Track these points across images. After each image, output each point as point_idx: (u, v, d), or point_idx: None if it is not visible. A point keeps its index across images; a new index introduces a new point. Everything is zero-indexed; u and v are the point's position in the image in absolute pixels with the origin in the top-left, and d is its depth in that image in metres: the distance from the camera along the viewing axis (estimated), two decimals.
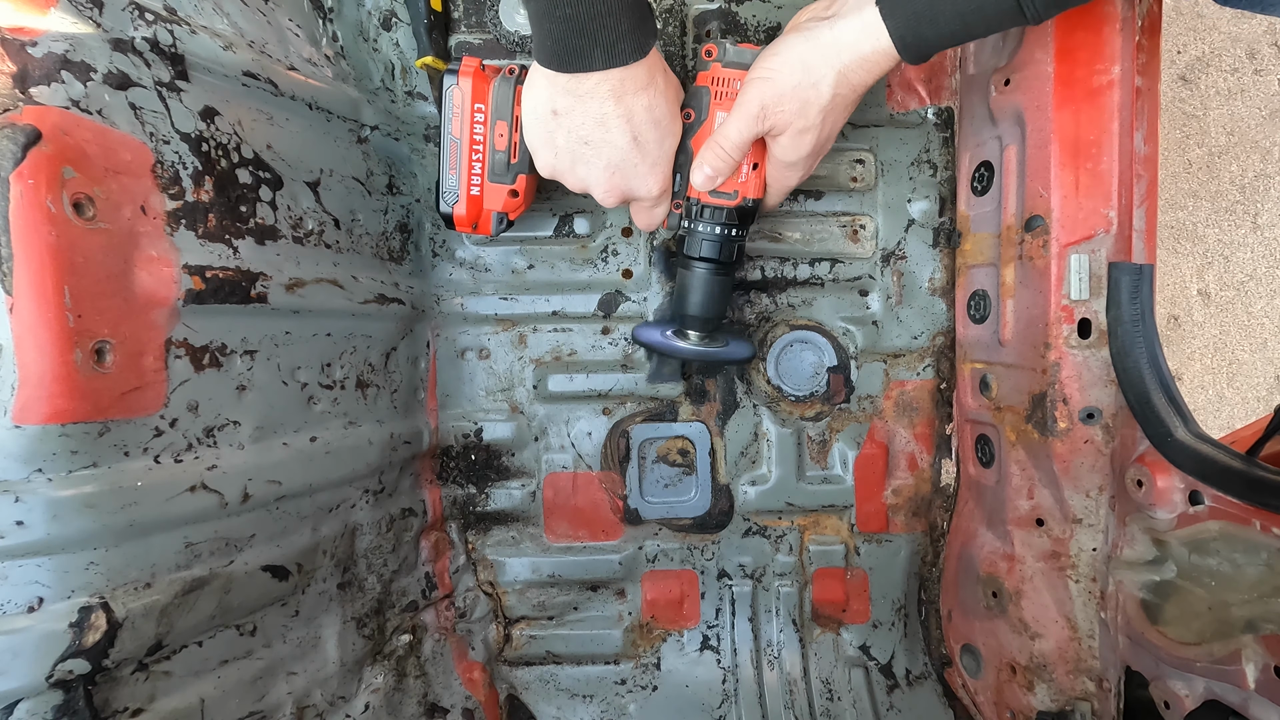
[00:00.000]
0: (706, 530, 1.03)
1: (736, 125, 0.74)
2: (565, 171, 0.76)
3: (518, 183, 0.81)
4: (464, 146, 0.79)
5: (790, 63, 0.70)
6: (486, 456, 1.01)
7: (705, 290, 0.85)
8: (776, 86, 0.71)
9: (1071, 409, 0.80)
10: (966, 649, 0.97)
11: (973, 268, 0.94)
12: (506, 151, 0.79)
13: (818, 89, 0.70)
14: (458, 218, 0.82)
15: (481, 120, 0.78)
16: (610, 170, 0.74)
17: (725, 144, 0.75)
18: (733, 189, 0.80)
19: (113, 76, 0.59)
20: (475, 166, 0.80)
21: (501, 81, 0.78)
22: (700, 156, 0.77)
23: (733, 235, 0.82)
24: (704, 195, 0.80)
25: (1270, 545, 0.67)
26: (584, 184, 0.77)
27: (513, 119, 0.78)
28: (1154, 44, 0.77)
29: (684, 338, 0.89)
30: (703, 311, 0.86)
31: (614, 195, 0.77)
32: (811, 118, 0.72)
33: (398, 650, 0.91)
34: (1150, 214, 0.79)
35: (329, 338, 0.80)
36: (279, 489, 0.71)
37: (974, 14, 0.65)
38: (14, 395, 0.52)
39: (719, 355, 0.90)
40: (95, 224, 0.56)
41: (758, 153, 0.79)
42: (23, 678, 0.53)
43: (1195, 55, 1.61)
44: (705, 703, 1.03)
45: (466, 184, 0.80)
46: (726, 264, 0.84)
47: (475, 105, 0.78)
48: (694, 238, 0.83)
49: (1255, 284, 1.64)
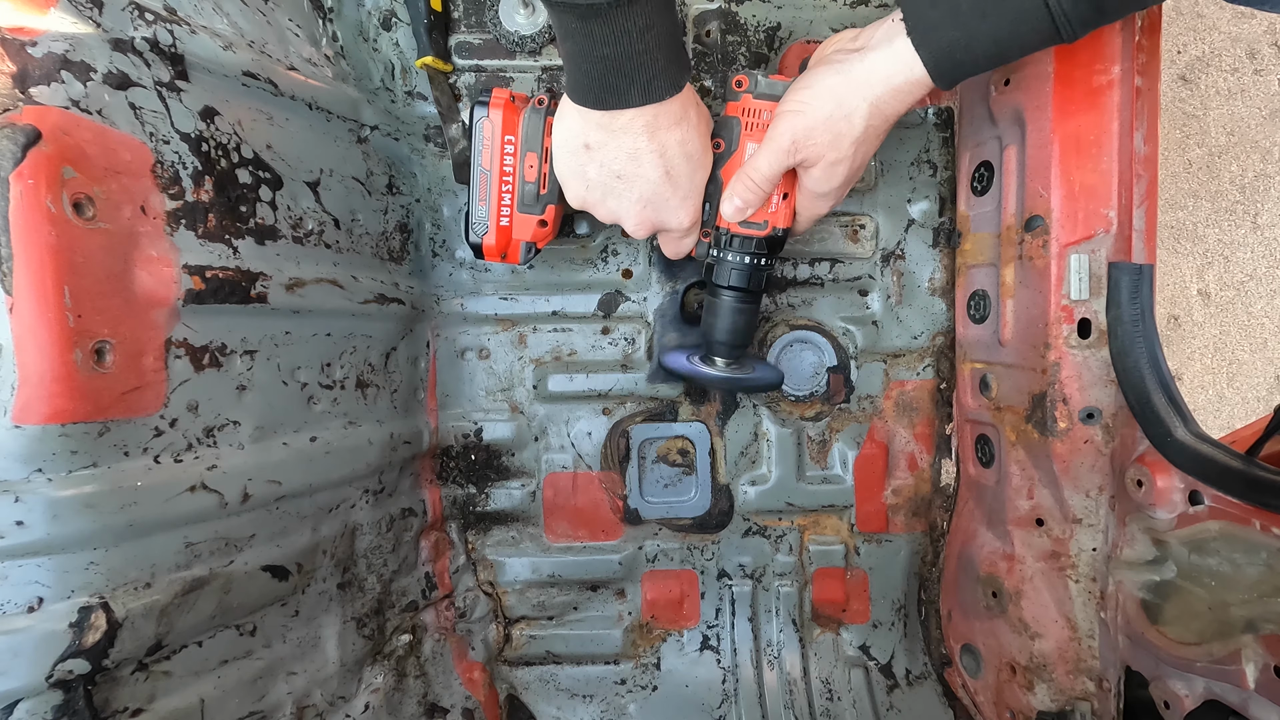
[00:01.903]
0: (706, 530, 1.03)
1: (767, 158, 0.74)
2: (596, 204, 0.76)
3: (546, 213, 0.81)
4: (494, 178, 0.80)
5: (822, 95, 0.70)
6: (486, 456, 1.01)
7: (732, 318, 0.85)
8: (808, 120, 0.71)
9: (1071, 409, 0.80)
10: (966, 649, 0.97)
11: (972, 268, 0.94)
12: (536, 183, 0.80)
13: (850, 121, 0.70)
14: (487, 248, 0.82)
15: (512, 152, 0.79)
16: (642, 204, 0.75)
17: (755, 176, 0.75)
18: (763, 219, 0.79)
19: (113, 76, 0.59)
20: (505, 198, 0.80)
21: (531, 113, 0.78)
22: (730, 188, 0.77)
23: (761, 265, 0.82)
24: (733, 225, 0.80)
25: (1270, 545, 0.66)
26: (615, 216, 0.77)
27: (542, 150, 0.78)
28: (1154, 44, 0.77)
29: (711, 364, 0.89)
30: (730, 339, 0.86)
31: (645, 227, 0.78)
32: (844, 149, 0.72)
33: (398, 650, 0.91)
34: (1150, 214, 0.79)
35: (329, 338, 0.80)
36: (279, 489, 0.71)
37: (1009, 39, 0.64)
38: (14, 395, 0.52)
39: (747, 382, 0.90)
40: (95, 224, 0.56)
41: (788, 183, 0.78)
42: (23, 678, 0.53)
43: (1195, 55, 1.61)
44: (705, 703, 1.03)
45: (496, 215, 0.81)
46: (755, 292, 0.84)
47: (505, 137, 0.78)
48: (722, 266, 0.83)
49: (1255, 284, 1.64)
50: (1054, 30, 0.63)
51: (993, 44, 0.65)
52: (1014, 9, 0.63)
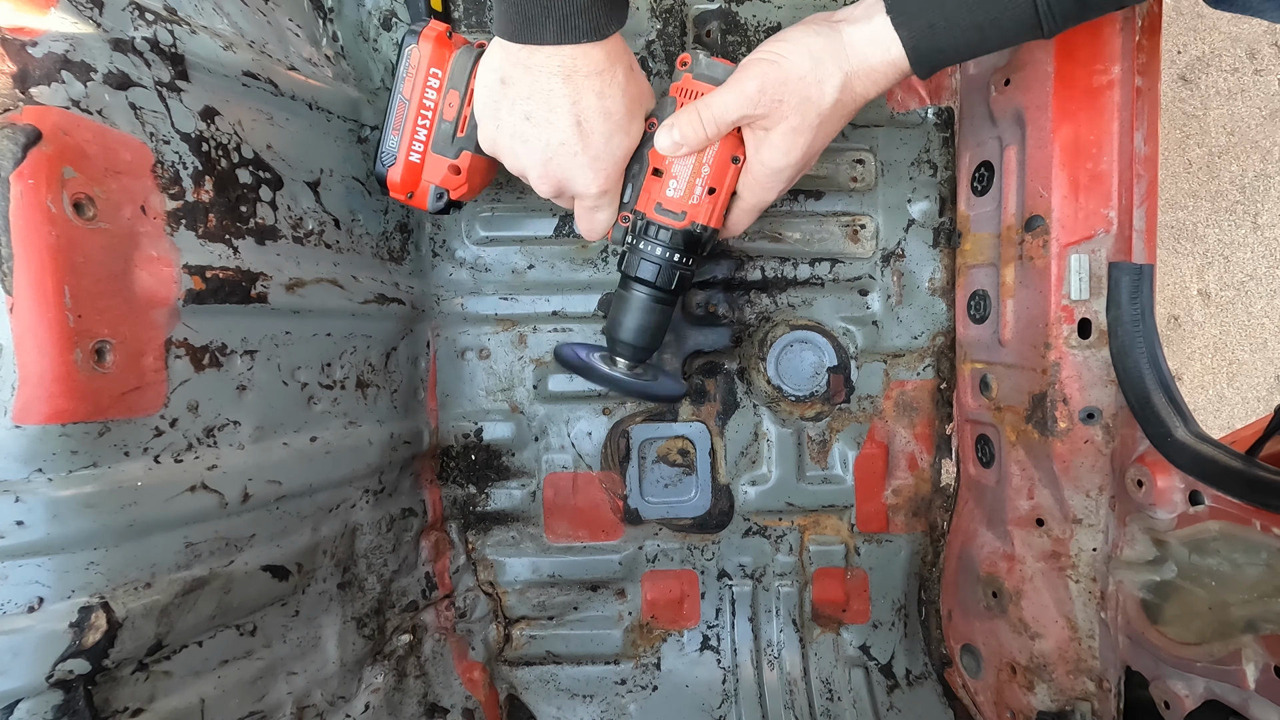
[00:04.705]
0: (706, 530, 1.03)
1: (726, 98, 0.68)
2: (504, 149, 0.72)
3: (460, 159, 0.76)
4: (412, 110, 0.76)
5: (800, 51, 0.66)
6: (486, 456, 1.01)
7: (639, 316, 0.78)
8: (782, 71, 0.66)
9: (1071, 409, 0.80)
10: (966, 649, 0.97)
11: (973, 268, 0.94)
12: (454, 123, 0.76)
13: (822, 88, 0.67)
14: (391, 182, 0.78)
15: (436, 87, 0.75)
16: (548, 153, 0.69)
17: (706, 113, 0.69)
18: (681, 209, 0.74)
19: (113, 76, 0.58)
20: (420, 133, 0.76)
21: (464, 52, 0.74)
22: (674, 116, 0.70)
23: (675, 261, 0.76)
24: (650, 211, 0.75)
25: (1270, 545, 0.66)
26: (520, 166, 0.72)
27: (466, 91, 0.74)
28: (1154, 44, 0.77)
29: (611, 364, 0.81)
30: (634, 339, 0.79)
31: (549, 182, 0.72)
32: (809, 117, 0.68)
33: (398, 650, 0.91)
34: (1150, 214, 0.79)
35: (329, 338, 0.80)
36: (279, 489, 0.71)
37: (990, 26, 0.63)
38: (14, 395, 0.52)
39: (643, 390, 0.82)
40: (95, 224, 0.56)
41: (718, 175, 0.73)
42: (23, 678, 0.53)
43: (1195, 55, 1.61)
44: (705, 703, 1.03)
45: (407, 149, 0.77)
46: (666, 291, 0.77)
47: (431, 70, 0.74)
48: (634, 255, 0.77)
49: (1255, 284, 1.64)
50: (1036, 21, 0.62)
51: (974, 29, 0.63)
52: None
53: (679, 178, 0.73)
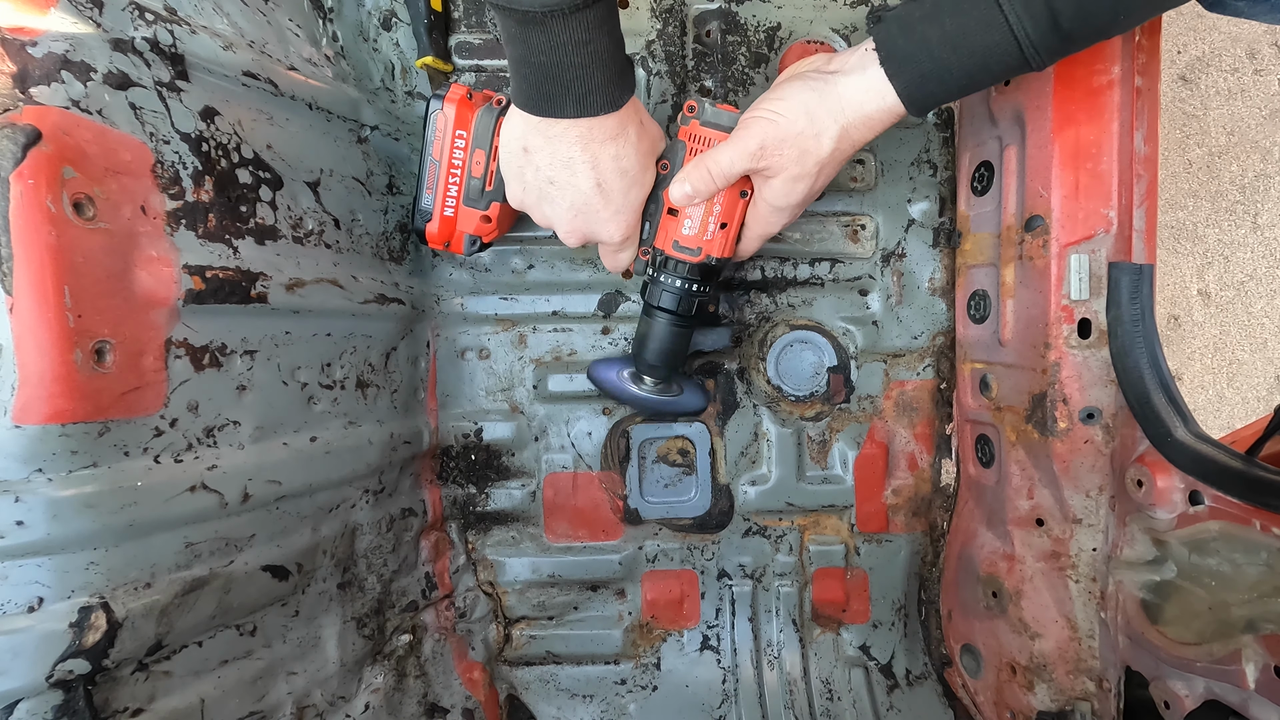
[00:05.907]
0: (706, 530, 1.03)
1: (731, 154, 0.73)
2: (532, 206, 0.78)
3: (490, 209, 0.83)
4: (443, 169, 0.82)
5: (795, 109, 0.70)
6: (486, 456, 1.01)
7: (662, 340, 0.86)
8: (780, 129, 0.71)
9: (1071, 409, 0.80)
10: (966, 649, 0.97)
11: (973, 268, 0.94)
12: (482, 179, 0.82)
13: (819, 141, 0.70)
14: (430, 235, 0.84)
15: (462, 147, 0.81)
16: (574, 213, 0.75)
17: (714, 167, 0.74)
18: (696, 245, 0.81)
19: (113, 76, 0.58)
20: (451, 189, 0.82)
21: (485, 112, 0.80)
22: (684, 172, 0.76)
23: (693, 290, 0.83)
24: (669, 248, 0.81)
25: (1270, 545, 0.66)
26: (548, 221, 0.78)
27: (491, 148, 0.80)
28: (1154, 44, 0.77)
29: (639, 383, 0.91)
30: (658, 360, 0.87)
31: (575, 236, 0.79)
32: (808, 166, 0.72)
33: (398, 650, 0.91)
34: (1150, 214, 0.79)
35: (329, 338, 0.80)
36: (279, 489, 0.71)
37: (980, 70, 0.65)
38: (14, 395, 0.52)
39: (670, 405, 0.93)
40: (95, 224, 0.56)
41: (729, 212, 0.79)
42: (23, 678, 0.53)
43: (1195, 55, 1.61)
44: (705, 703, 1.03)
45: (441, 205, 0.83)
46: (686, 317, 0.85)
47: (457, 131, 0.80)
48: (656, 287, 0.84)
49: (1255, 284, 1.64)
50: (1023, 61, 0.64)
51: (964, 75, 0.66)
52: (983, 43, 0.64)
53: (693, 217, 0.80)
